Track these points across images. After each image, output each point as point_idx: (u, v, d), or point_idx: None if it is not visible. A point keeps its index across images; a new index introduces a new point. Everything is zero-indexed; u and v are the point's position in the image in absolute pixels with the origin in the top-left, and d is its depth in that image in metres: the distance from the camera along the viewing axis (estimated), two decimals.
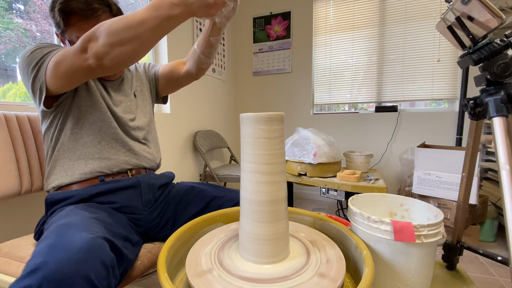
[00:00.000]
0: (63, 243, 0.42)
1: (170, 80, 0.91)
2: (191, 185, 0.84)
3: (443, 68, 2.10)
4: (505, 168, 0.54)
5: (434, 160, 1.56)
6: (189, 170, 2.00)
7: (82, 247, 0.41)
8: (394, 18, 2.21)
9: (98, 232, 0.48)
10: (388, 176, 2.28)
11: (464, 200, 0.82)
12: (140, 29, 0.52)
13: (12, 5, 1.16)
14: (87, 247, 0.42)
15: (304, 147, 1.63)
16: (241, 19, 2.69)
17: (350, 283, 0.54)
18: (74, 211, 0.58)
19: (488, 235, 1.61)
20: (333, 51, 2.42)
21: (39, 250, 0.42)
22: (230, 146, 2.40)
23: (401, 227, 0.52)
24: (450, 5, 0.67)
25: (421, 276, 0.55)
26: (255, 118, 0.47)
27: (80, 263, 0.39)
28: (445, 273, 0.82)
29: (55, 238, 0.44)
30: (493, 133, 0.58)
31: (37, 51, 0.63)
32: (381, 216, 0.57)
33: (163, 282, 0.41)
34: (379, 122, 2.29)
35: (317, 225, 0.67)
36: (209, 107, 2.29)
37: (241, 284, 0.43)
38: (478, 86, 0.67)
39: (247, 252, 0.50)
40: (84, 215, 0.55)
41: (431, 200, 1.60)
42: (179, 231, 0.58)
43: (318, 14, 2.44)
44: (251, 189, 0.49)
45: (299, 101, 2.55)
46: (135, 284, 1.22)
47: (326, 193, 1.63)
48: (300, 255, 0.51)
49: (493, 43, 0.60)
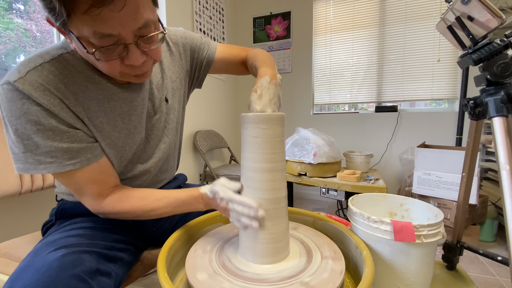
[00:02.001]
0: (35, 263, 0.41)
1: (230, 65, 0.76)
2: (198, 186, 0.83)
3: (443, 68, 2.10)
4: (505, 168, 0.54)
5: (434, 160, 1.56)
6: (189, 170, 2.00)
7: (51, 266, 0.40)
8: (394, 18, 2.21)
9: (77, 246, 0.46)
10: (388, 176, 2.28)
11: (464, 200, 0.82)
12: (152, 215, 0.56)
13: (12, 5, 1.16)
14: (58, 265, 0.40)
15: (304, 147, 1.63)
16: (241, 19, 2.69)
17: (350, 283, 0.54)
18: (73, 225, 0.57)
19: (488, 235, 1.61)
20: (333, 51, 2.42)
21: (13, 273, 0.41)
22: (230, 146, 2.40)
23: (401, 227, 0.52)
24: (450, 5, 0.67)
25: (421, 276, 0.55)
26: (256, 118, 0.47)
27: (49, 283, 0.38)
28: (445, 273, 0.82)
29: (30, 258, 0.43)
30: (493, 133, 0.58)
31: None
32: (381, 216, 0.56)
33: (163, 282, 0.41)
34: (379, 122, 2.29)
35: (317, 225, 0.67)
36: (209, 107, 2.29)
37: (241, 283, 0.43)
38: (478, 86, 0.67)
39: (247, 251, 0.50)
40: (75, 231, 0.54)
41: (431, 200, 1.60)
42: (179, 231, 0.58)
43: (318, 14, 2.44)
44: (252, 188, 0.49)
45: (299, 101, 2.55)
46: (135, 284, 1.22)
47: (326, 193, 1.63)
48: (300, 255, 0.51)
49: (493, 43, 0.60)
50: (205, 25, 2.17)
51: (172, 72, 0.67)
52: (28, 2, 1.21)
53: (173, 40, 0.67)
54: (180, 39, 0.68)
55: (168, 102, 0.65)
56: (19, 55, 1.20)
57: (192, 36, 0.71)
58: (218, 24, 2.36)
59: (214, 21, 2.30)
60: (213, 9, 2.29)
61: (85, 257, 0.45)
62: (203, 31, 2.15)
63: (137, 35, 0.43)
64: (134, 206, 0.54)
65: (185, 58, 0.70)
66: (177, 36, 0.68)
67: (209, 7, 2.21)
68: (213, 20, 2.28)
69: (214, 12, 2.30)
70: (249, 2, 2.65)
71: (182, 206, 0.56)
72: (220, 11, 2.39)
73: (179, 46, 0.68)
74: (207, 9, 2.18)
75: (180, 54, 0.69)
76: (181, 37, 0.69)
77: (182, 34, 0.70)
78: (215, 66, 0.74)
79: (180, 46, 0.69)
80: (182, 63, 0.70)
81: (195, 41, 0.71)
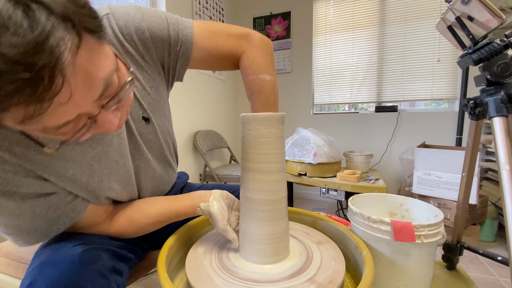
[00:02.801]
0: (55, 258, 0.41)
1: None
2: (199, 185, 0.82)
3: (443, 68, 2.10)
4: (505, 168, 0.54)
5: (434, 160, 1.56)
6: (189, 170, 2.00)
7: (73, 260, 0.40)
8: (394, 18, 2.21)
9: (94, 243, 0.46)
10: (388, 176, 2.28)
11: (464, 200, 0.82)
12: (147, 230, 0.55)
13: None
14: (79, 259, 0.40)
15: (304, 147, 1.63)
16: (241, 19, 2.69)
17: (350, 283, 0.54)
18: None
19: (488, 235, 1.61)
20: (333, 51, 2.42)
21: (32, 269, 0.41)
22: (230, 146, 2.40)
23: (401, 227, 0.52)
24: (450, 5, 0.67)
25: (421, 276, 0.55)
26: (256, 118, 0.47)
27: (72, 277, 0.38)
28: (445, 273, 0.82)
29: (49, 254, 0.43)
30: (493, 133, 0.58)
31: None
32: (381, 216, 0.56)
33: (163, 282, 0.41)
34: (379, 122, 2.29)
35: (317, 225, 0.67)
36: (209, 107, 2.29)
37: (241, 283, 0.43)
38: (478, 86, 0.67)
39: (248, 252, 0.50)
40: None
41: (431, 200, 1.60)
42: (179, 231, 0.58)
43: (318, 14, 2.44)
44: (251, 189, 0.49)
45: (299, 101, 2.55)
46: (135, 284, 1.22)
47: (326, 193, 1.63)
48: (300, 255, 0.51)
49: (493, 43, 0.60)
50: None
51: (141, 83, 0.51)
52: None
53: (126, 36, 0.47)
54: (136, 34, 0.47)
55: (148, 121, 0.54)
56: None
57: (152, 26, 0.48)
58: None
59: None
60: (213, 9, 2.29)
61: (103, 254, 0.45)
62: None
63: (101, 102, 0.33)
64: (126, 229, 0.54)
65: (150, 59, 0.51)
66: (129, 27, 0.47)
67: (209, 7, 2.21)
68: (213, 20, 2.28)
69: (214, 12, 2.30)
70: (249, 2, 2.65)
71: (175, 219, 0.56)
72: (220, 11, 2.39)
73: (137, 44, 0.48)
74: (207, 9, 2.18)
75: (141, 54, 0.49)
76: (136, 29, 0.47)
77: (137, 23, 0.47)
78: (194, 63, 0.55)
79: (138, 44, 0.48)
80: (149, 65, 0.51)
81: (159, 33, 0.49)
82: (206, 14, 2.18)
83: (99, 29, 0.30)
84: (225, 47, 0.54)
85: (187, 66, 0.55)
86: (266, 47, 0.56)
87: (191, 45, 0.52)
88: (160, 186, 0.64)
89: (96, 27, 0.30)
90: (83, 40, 0.28)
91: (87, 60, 0.29)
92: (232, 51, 0.54)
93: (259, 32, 0.66)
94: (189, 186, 0.82)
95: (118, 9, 0.47)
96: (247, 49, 0.55)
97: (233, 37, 0.54)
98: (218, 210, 0.52)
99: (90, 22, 0.28)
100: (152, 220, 0.54)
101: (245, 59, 0.55)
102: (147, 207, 0.55)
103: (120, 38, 0.46)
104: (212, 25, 0.54)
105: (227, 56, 0.55)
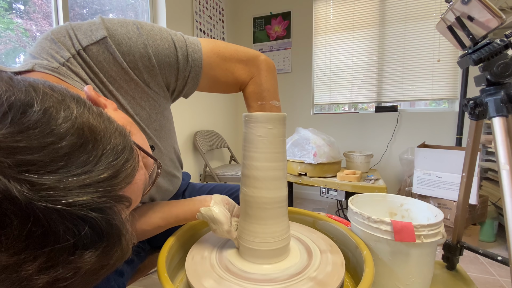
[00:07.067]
0: None
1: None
2: (200, 185, 0.82)
3: (443, 68, 2.10)
4: (505, 168, 0.54)
5: (434, 160, 1.56)
6: (189, 170, 2.00)
7: None
8: (394, 18, 2.21)
9: None
10: (388, 176, 2.28)
11: (464, 200, 0.82)
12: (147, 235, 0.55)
13: (12, 5, 1.16)
14: None
15: (304, 147, 1.63)
16: (241, 19, 2.69)
17: (350, 283, 0.54)
18: None
19: (488, 235, 1.61)
20: (333, 51, 2.42)
21: None
22: (230, 146, 2.40)
23: (401, 227, 0.52)
24: (450, 5, 0.67)
25: (421, 276, 0.55)
26: (258, 118, 0.47)
27: None
28: (445, 273, 0.82)
29: None
30: (493, 133, 0.58)
31: None
32: (381, 216, 0.56)
33: (163, 282, 0.41)
34: (379, 122, 2.29)
35: (317, 225, 0.67)
36: (209, 107, 2.29)
37: (241, 283, 0.43)
38: (478, 86, 0.67)
39: (248, 253, 0.50)
40: None
41: (431, 200, 1.60)
42: (179, 231, 0.58)
43: (318, 14, 2.44)
44: (252, 188, 0.49)
45: (299, 101, 2.55)
46: (135, 284, 1.22)
47: (326, 193, 1.63)
48: (300, 255, 0.51)
49: (493, 43, 0.60)
50: (205, 25, 2.17)
51: (147, 112, 0.49)
52: (28, 2, 1.21)
53: (130, 64, 0.43)
54: (141, 61, 0.43)
55: (154, 148, 0.52)
56: (19, 55, 1.20)
57: (159, 51, 0.44)
58: (218, 24, 2.36)
59: (214, 21, 2.30)
60: (213, 9, 2.29)
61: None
62: (203, 31, 2.15)
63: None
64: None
65: (156, 85, 0.47)
66: (133, 54, 0.43)
67: (209, 7, 2.21)
68: (213, 20, 2.28)
69: (214, 12, 2.30)
70: (249, 2, 2.65)
71: (175, 224, 0.56)
72: (220, 11, 2.39)
73: (141, 72, 0.44)
74: (207, 9, 2.18)
75: (147, 82, 0.45)
76: (142, 55, 0.43)
77: (142, 49, 0.43)
78: (201, 88, 0.53)
79: (143, 71, 0.44)
80: (154, 91, 0.48)
81: (166, 58, 0.45)
82: (206, 14, 2.18)
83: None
84: (234, 74, 0.52)
85: (195, 89, 0.53)
86: (273, 72, 0.55)
87: (200, 70, 0.49)
88: (165, 197, 0.65)
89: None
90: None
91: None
92: (242, 77, 0.53)
93: (259, 32, 0.66)
94: (191, 186, 0.83)
95: (116, 30, 0.42)
96: (256, 75, 0.54)
97: (242, 63, 0.52)
98: (221, 213, 0.52)
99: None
100: (152, 226, 0.54)
101: (253, 85, 0.54)
102: (148, 212, 0.55)
103: (124, 66, 0.42)
104: (221, 49, 0.51)
105: (236, 83, 0.54)
